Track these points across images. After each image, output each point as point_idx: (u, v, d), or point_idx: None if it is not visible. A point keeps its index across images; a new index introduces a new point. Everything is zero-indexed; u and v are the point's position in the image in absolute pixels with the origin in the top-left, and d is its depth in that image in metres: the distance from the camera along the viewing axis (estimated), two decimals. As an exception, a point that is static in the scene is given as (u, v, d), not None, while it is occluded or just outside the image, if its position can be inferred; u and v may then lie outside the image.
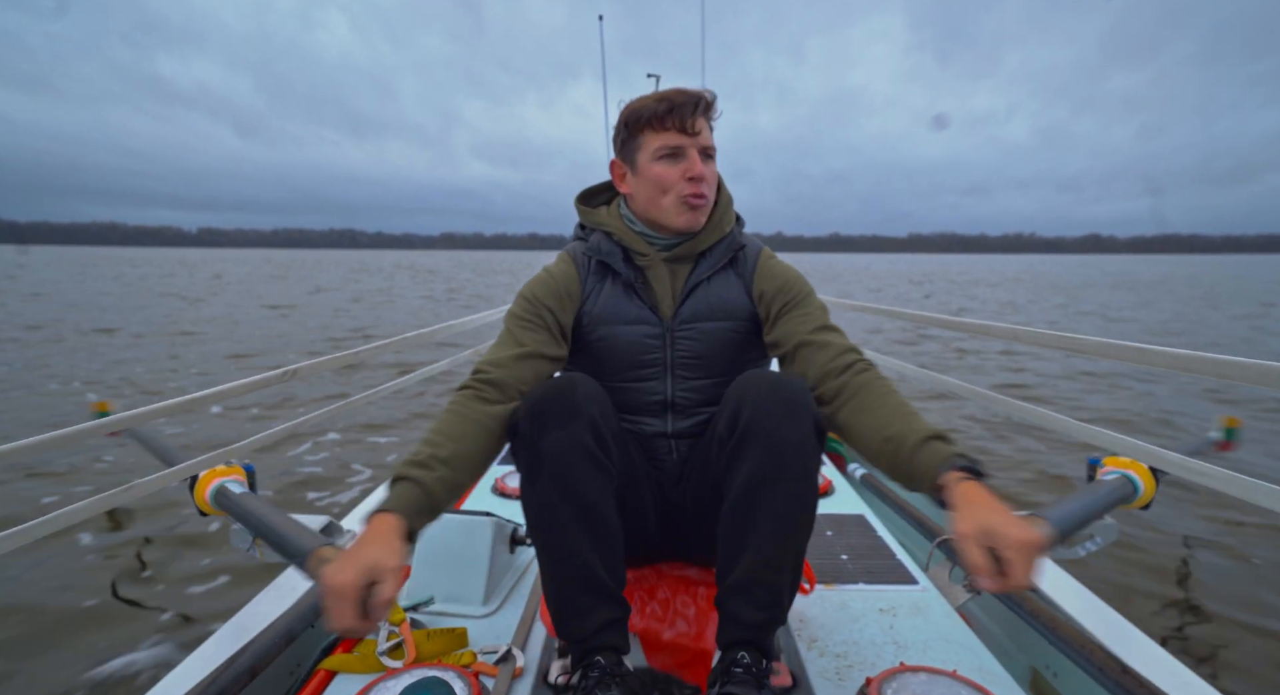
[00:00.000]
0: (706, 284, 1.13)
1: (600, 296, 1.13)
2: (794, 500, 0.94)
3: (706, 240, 1.14)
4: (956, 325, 2.05)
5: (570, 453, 0.93)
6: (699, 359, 1.12)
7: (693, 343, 1.12)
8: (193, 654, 1.19)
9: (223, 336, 9.48)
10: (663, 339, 1.12)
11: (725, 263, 1.15)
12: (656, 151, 1.06)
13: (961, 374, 7.35)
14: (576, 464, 0.93)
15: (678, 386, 1.13)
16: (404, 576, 1.56)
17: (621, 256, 1.14)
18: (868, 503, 2.04)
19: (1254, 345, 9.63)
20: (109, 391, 5.80)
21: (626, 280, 1.13)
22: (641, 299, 1.13)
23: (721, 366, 1.13)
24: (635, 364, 1.12)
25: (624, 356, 1.12)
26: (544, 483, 0.94)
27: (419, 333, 2.43)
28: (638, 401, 1.14)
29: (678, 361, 1.13)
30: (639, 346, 1.12)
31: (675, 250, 1.13)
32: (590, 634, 0.98)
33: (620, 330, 1.12)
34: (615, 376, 1.13)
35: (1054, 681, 1.33)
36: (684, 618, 1.18)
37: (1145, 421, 5.20)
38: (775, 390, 0.94)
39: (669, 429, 1.15)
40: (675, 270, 1.14)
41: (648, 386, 1.13)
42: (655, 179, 1.07)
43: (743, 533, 0.96)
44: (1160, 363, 1.29)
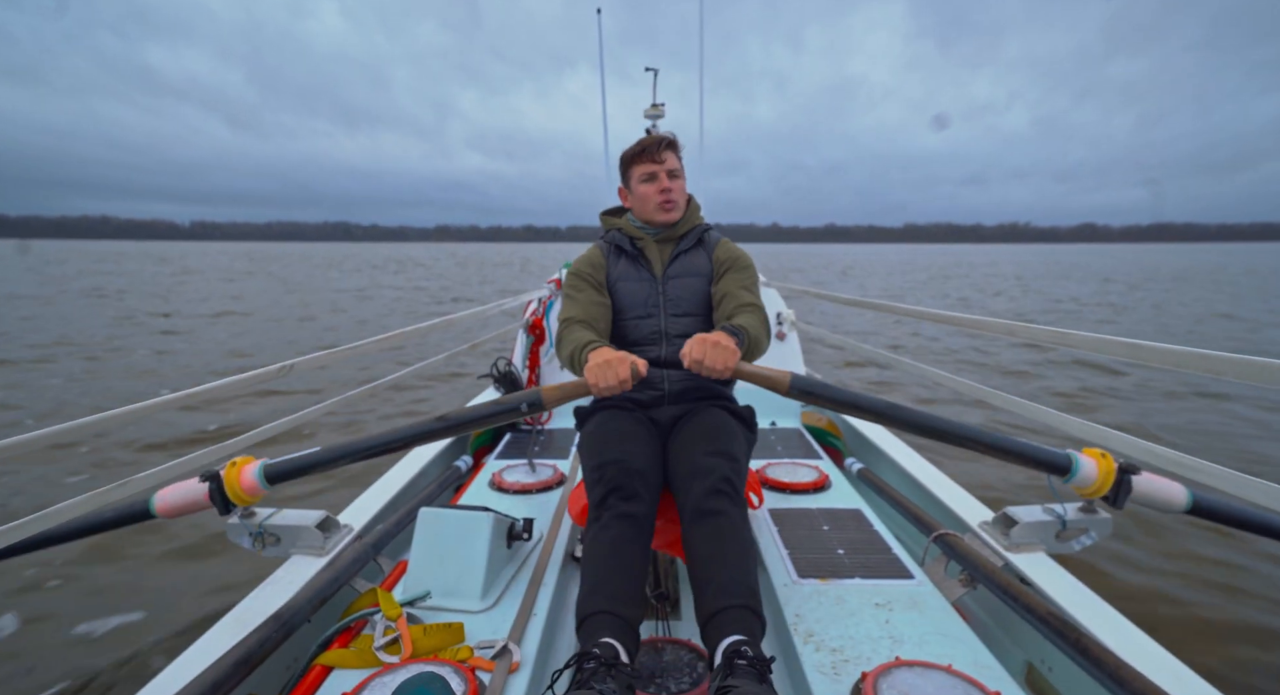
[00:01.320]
0: (684, 255, 1.71)
1: (618, 266, 1.72)
2: (735, 538, 1.29)
3: (681, 229, 1.74)
4: (956, 321, 2.05)
5: (634, 514, 1.35)
6: (681, 300, 1.67)
7: (676, 290, 1.67)
8: (190, 648, 1.19)
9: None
10: (657, 289, 1.68)
11: (695, 243, 1.73)
12: (640, 176, 1.66)
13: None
14: (635, 522, 1.34)
15: (668, 321, 1.66)
16: (400, 572, 1.56)
17: (629, 242, 1.73)
18: (864, 497, 2.04)
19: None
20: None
21: (632, 255, 1.71)
22: (642, 265, 1.71)
23: (696, 307, 1.66)
24: (640, 304, 1.67)
25: (633, 301, 1.67)
26: (608, 526, 1.33)
27: (416, 327, 2.42)
28: (642, 333, 1.66)
29: (667, 304, 1.67)
30: (642, 294, 1.67)
31: (661, 235, 1.73)
32: (605, 609, 1.17)
33: (631, 285, 1.69)
34: (628, 315, 1.67)
35: (1049, 676, 1.34)
36: (671, 510, 1.50)
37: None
38: (708, 482, 1.36)
39: (662, 354, 1.63)
40: (663, 248, 1.73)
41: (648, 322, 1.66)
42: (641, 194, 1.68)
43: (705, 566, 1.26)
44: (1154, 360, 1.29)
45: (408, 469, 2.19)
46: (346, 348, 2.03)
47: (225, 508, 1.39)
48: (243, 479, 1.36)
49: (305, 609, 1.27)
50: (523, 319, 3.23)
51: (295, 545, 1.54)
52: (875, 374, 7.34)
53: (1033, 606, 1.25)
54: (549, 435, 2.74)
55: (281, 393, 6.02)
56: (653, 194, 1.65)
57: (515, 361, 3.08)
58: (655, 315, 1.66)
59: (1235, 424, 5.17)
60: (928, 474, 2.11)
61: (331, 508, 1.68)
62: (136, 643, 2.35)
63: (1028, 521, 1.52)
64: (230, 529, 1.52)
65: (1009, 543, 1.52)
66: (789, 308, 3.33)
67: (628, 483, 1.37)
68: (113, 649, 2.32)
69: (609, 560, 1.28)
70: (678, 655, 1.35)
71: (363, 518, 1.76)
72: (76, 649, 2.32)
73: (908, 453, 2.34)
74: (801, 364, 3.23)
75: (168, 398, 1.44)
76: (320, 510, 1.60)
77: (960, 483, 2.00)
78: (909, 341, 9.84)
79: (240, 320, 12.03)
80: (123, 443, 4.64)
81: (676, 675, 1.28)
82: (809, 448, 2.55)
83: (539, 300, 3.25)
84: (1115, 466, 1.35)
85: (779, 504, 1.96)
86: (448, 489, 2.20)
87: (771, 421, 2.91)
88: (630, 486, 1.37)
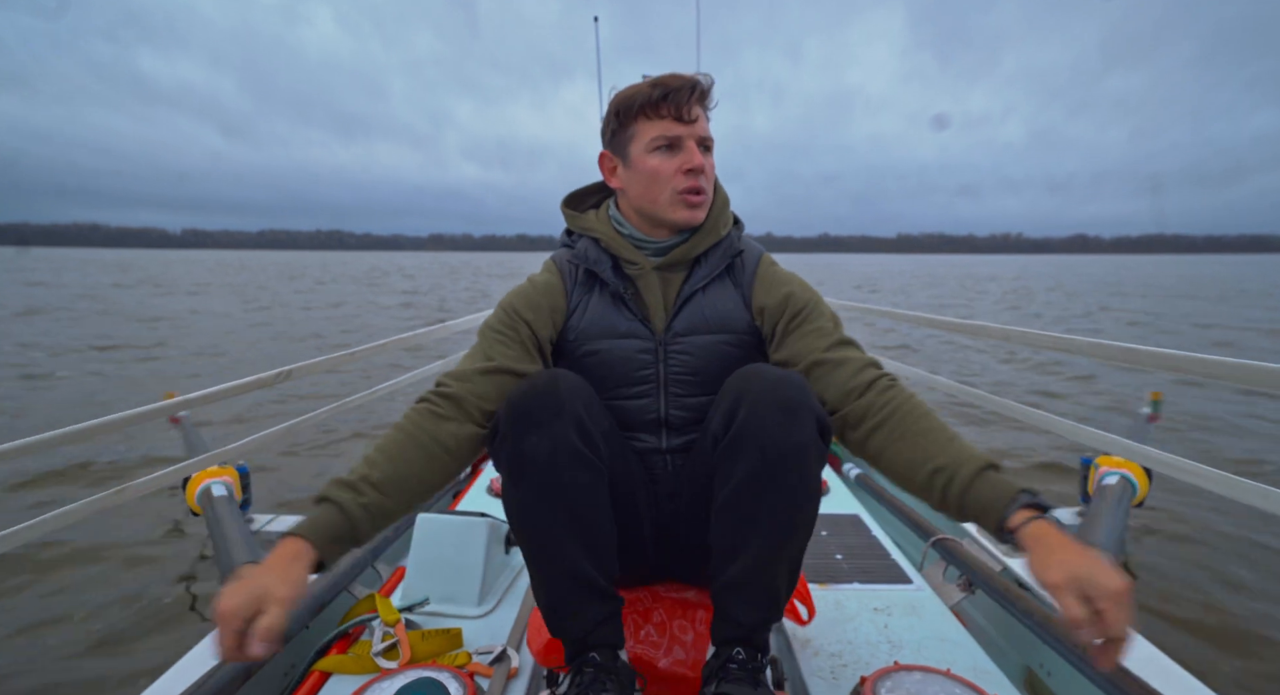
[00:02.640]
0: (701, 294, 1.06)
1: (588, 309, 1.06)
2: (791, 506, 0.89)
3: (701, 245, 1.06)
4: (954, 326, 2.06)
5: (555, 453, 0.86)
6: (694, 375, 1.04)
7: (687, 358, 1.04)
8: (187, 654, 1.18)
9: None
10: (655, 354, 1.05)
11: (721, 270, 1.07)
12: (652, 142, 1.00)
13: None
14: (561, 465, 0.87)
15: (672, 404, 1.06)
16: (398, 578, 1.56)
17: (610, 265, 1.06)
18: (862, 503, 2.04)
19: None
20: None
21: (615, 291, 1.05)
22: (632, 311, 1.05)
23: (718, 383, 0.98)
24: (627, 381, 1.05)
25: (615, 373, 1.05)
26: (526, 485, 0.89)
27: (415, 333, 2.42)
28: (631, 419, 1.07)
29: (671, 378, 1.05)
30: (631, 362, 1.04)
31: (668, 256, 1.06)
32: (584, 633, 0.95)
33: (610, 345, 1.05)
34: (606, 393, 1.05)
35: (1048, 680, 1.34)
36: (680, 644, 1.10)
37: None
38: (775, 388, 0.87)
39: (663, 445, 1.08)
40: (668, 279, 1.07)
41: (640, 404, 1.06)
42: (650, 172, 1.00)
43: (737, 534, 0.91)
44: (1150, 363, 1.30)
45: None
46: (344, 353, 2.03)
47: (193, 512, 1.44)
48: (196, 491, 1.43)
49: (303, 615, 1.27)
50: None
51: None
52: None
53: (1031, 611, 1.26)
54: None
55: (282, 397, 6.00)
56: (671, 173, 1.00)
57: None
58: (651, 394, 1.06)
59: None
60: None
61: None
62: (133, 647, 2.34)
63: None
64: None
65: (1007, 547, 1.53)
66: None
67: (546, 399, 0.89)
68: (109, 654, 2.30)
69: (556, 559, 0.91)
70: None
71: None
72: (72, 655, 2.30)
73: None
74: None
75: (165, 403, 1.44)
76: None
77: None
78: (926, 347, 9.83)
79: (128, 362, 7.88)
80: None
81: None
82: None
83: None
84: (1144, 471, 1.39)
85: None
86: (446, 495, 2.19)
87: None
88: (550, 401, 0.89)
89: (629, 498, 1.02)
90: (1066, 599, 0.68)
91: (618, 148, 1.04)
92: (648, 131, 1.00)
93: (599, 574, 0.93)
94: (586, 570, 0.92)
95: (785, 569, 0.95)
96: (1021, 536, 0.75)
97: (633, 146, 1.02)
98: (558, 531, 0.90)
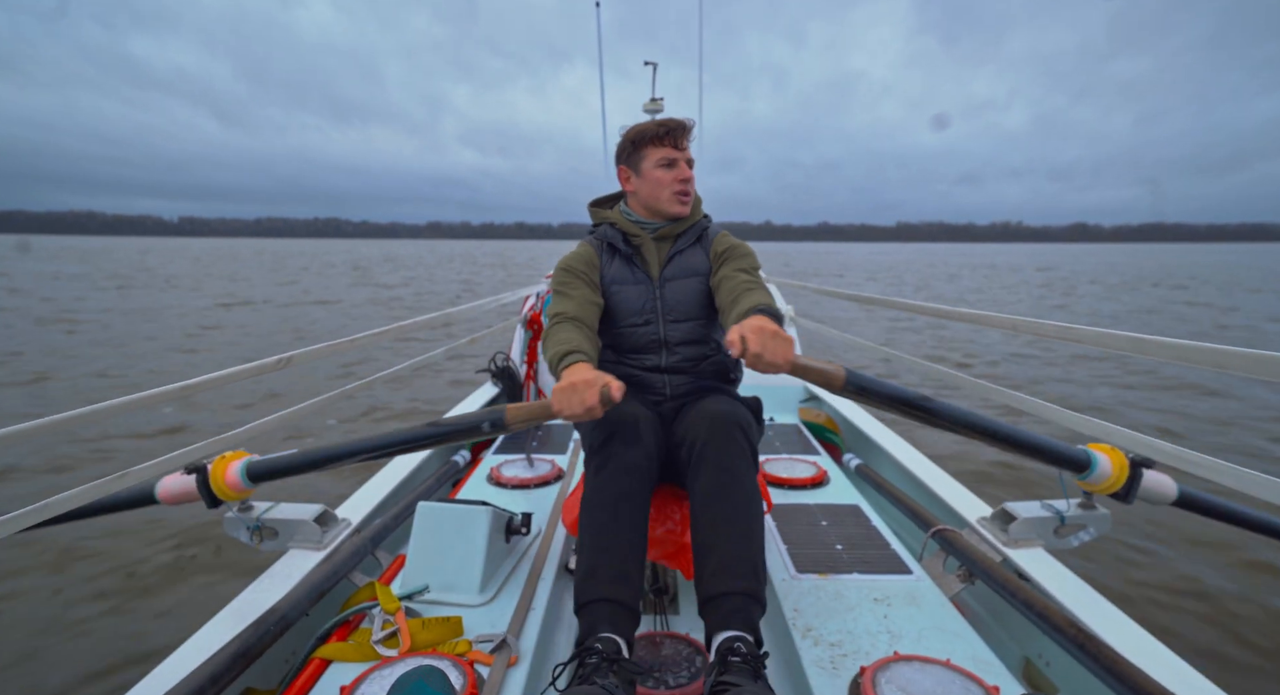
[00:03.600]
0: (681, 255, 1.55)
1: (611, 267, 1.55)
2: (744, 501, 1.23)
3: (682, 226, 1.57)
4: (954, 315, 2.05)
5: (635, 464, 1.27)
6: (679, 305, 1.51)
7: (674, 294, 1.52)
8: (188, 641, 1.19)
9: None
10: (654, 293, 1.52)
11: (694, 240, 1.57)
12: (657, 161, 1.49)
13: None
14: (636, 470, 1.27)
15: (667, 329, 1.51)
16: (398, 566, 1.56)
17: (622, 239, 1.56)
18: (862, 493, 2.04)
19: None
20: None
21: (626, 254, 1.55)
22: (637, 267, 1.54)
23: (696, 311, 1.51)
24: (637, 312, 1.52)
25: (629, 307, 1.52)
26: (608, 475, 1.26)
27: (414, 321, 2.41)
28: (639, 341, 1.52)
29: (665, 308, 1.52)
30: (638, 299, 1.52)
31: (660, 231, 1.56)
32: (604, 596, 1.14)
33: (625, 288, 1.52)
34: (623, 322, 1.52)
35: (1047, 670, 1.34)
36: (672, 519, 1.47)
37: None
38: (719, 422, 1.29)
39: (662, 363, 1.52)
40: (660, 246, 1.56)
41: (646, 329, 1.51)
42: (657, 180, 1.50)
43: (711, 530, 1.21)
44: (1158, 353, 1.29)
45: (406, 463, 2.19)
46: (345, 340, 2.02)
47: (212, 502, 1.42)
48: (227, 475, 1.40)
49: (303, 603, 1.27)
50: (521, 314, 3.22)
51: (293, 539, 1.54)
52: (879, 370, 7.35)
53: (1031, 601, 1.26)
54: (547, 430, 2.73)
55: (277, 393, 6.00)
56: (670, 182, 1.49)
57: (513, 356, 3.08)
58: (653, 322, 1.51)
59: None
60: (926, 470, 2.11)
61: (330, 502, 1.68)
62: (135, 634, 2.35)
63: (1026, 517, 1.53)
64: (227, 522, 1.52)
65: (1007, 538, 1.53)
66: (787, 304, 3.32)
67: (630, 429, 1.29)
68: (110, 639, 2.32)
69: (608, 530, 1.22)
70: (676, 649, 1.36)
71: (361, 512, 1.75)
72: (73, 639, 2.32)
73: (906, 449, 2.34)
74: None
75: (166, 389, 1.43)
76: (318, 504, 1.60)
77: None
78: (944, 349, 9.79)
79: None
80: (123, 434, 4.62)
81: (675, 670, 1.28)
82: (807, 444, 2.55)
83: (537, 295, 3.25)
84: (1128, 462, 1.36)
85: (778, 500, 1.96)
86: (446, 483, 2.19)
87: (770, 417, 2.91)
88: (633, 432, 1.29)
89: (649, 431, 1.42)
90: (731, 335, 1.07)
91: (632, 164, 1.54)
92: (655, 154, 1.50)
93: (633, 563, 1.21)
94: (627, 551, 1.21)
95: (756, 546, 1.21)
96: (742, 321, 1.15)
97: (644, 163, 1.51)
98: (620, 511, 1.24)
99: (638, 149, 1.50)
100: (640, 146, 1.50)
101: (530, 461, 2.27)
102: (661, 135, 1.47)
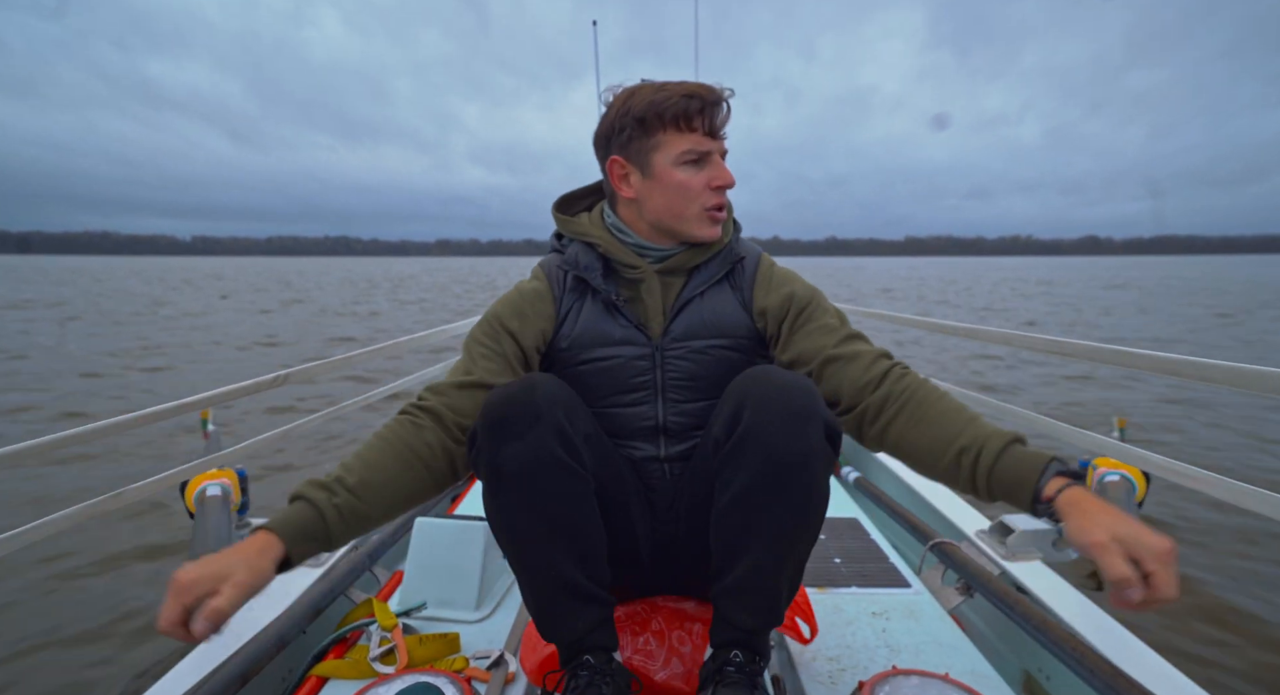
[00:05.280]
0: (700, 299, 1.03)
1: (580, 317, 1.03)
2: (796, 515, 0.87)
3: (704, 252, 1.03)
4: (953, 330, 2.06)
5: (533, 463, 0.84)
6: (692, 380, 1.02)
7: (685, 363, 1.02)
8: (184, 660, 1.18)
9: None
10: (652, 360, 1.02)
11: (721, 276, 1.05)
12: (682, 155, 0.95)
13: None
14: (540, 475, 0.84)
15: (669, 410, 1.03)
16: (395, 582, 1.55)
17: (601, 271, 1.03)
18: (860, 506, 2.04)
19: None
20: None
21: (607, 298, 1.02)
22: (626, 317, 1.02)
23: (717, 389, 0.97)
24: (623, 388, 1.02)
25: (610, 381, 1.02)
26: (506, 497, 0.87)
27: (412, 337, 2.42)
28: (627, 426, 1.04)
29: (669, 384, 1.02)
30: (626, 369, 1.01)
31: (669, 262, 1.03)
32: (576, 637, 0.94)
33: (604, 352, 1.02)
34: (601, 401, 1.03)
35: (1046, 685, 1.33)
36: (679, 656, 1.07)
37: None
38: (782, 392, 0.84)
39: (661, 453, 1.05)
40: (668, 284, 1.04)
41: (637, 411, 1.03)
42: (678, 186, 0.96)
43: (738, 540, 0.89)
44: (1145, 366, 1.30)
45: None
46: (341, 357, 2.03)
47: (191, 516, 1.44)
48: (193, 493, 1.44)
49: (300, 620, 1.26)
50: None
51: None
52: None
53: (1030, 615, 1.25)
54: None
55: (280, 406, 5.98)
56: (700, 189, 0.97)
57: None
58: (648, 401, 1.03)
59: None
60: (924, 483, 2.11)
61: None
62: (128, 653, 2.33)
63: (1025, 530, 1.53)
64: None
65: (1006, 551, 1.52)
66: None
67: (520, 412, 0.85)
68: (102, 660, 2.29)
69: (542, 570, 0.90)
70: None
71: None
72: (63, 659, 2.29)
73: None
74: None
75: (163, 406, 1.44)
76: None
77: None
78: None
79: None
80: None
81: None
82: None
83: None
84: (1142, 473, 1.39)
85: None
86: (443, 499, 2.19)
87: None
88: (526, 413, 0.85)
89: (620, 504, 1.00)
90: (1112, 558, 0.65)
91: (636, 155, 0.98)
92: (678, 144, 0.95)
93: (587, 579, 0.92)
94: (573, 576, 0.90)
95: (787, 576, 0.93)
96: (1058, 505, 0.73)
97: (657, 156, 0.97)
98: (541, 540, 0.88)
99: (648, 132, 0.96)
100: (654, 129, 0.95)
101: None
102: (690, 115, 0.94)
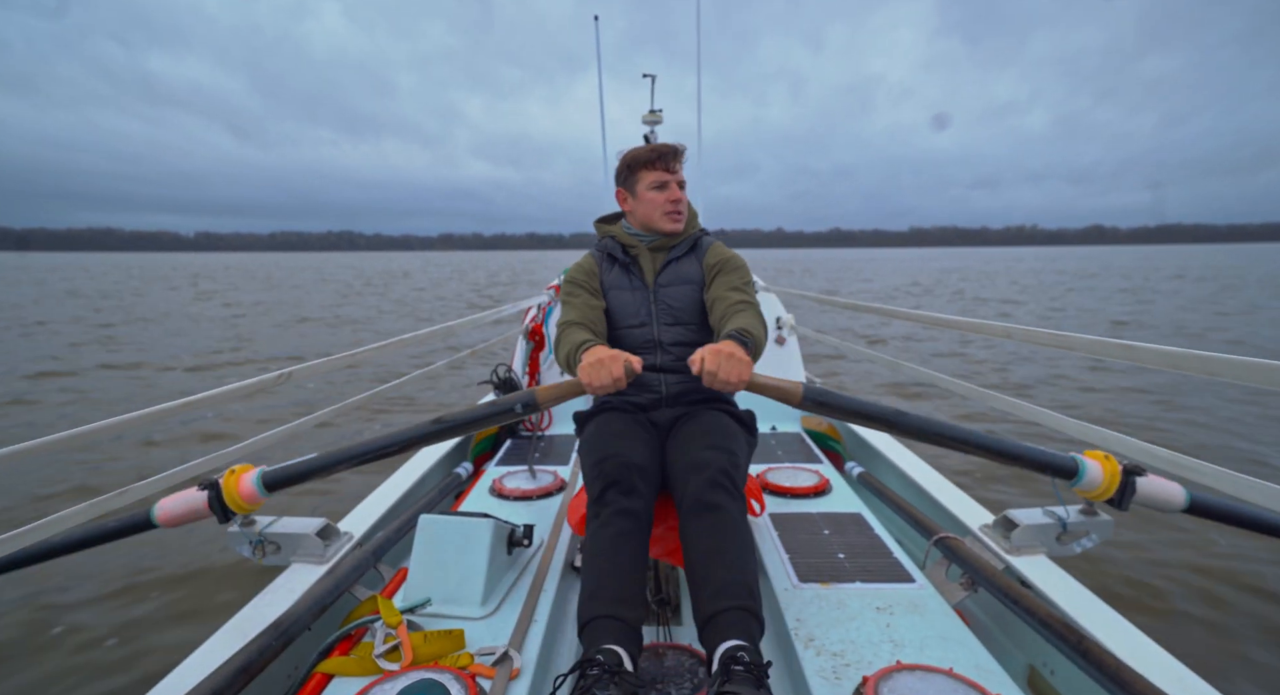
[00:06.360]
0: (675, 263, 1.69)
1: (610, 274, 1.71)
2: (733, 533, 1.28)
3: (677, 238, 1.72)
4: (953, 324, 2.05)
5: (631, 508, 1.35)
6: (672, 309, 1.66)
7: (667, 300, 1.66)
8: (190, 656, 1.19)
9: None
10: (648, 299, 1.67)
11: (687, 250, 1.71)
12: (650, 183, 1.63)
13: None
14: (631, 515, 1.35)
15: (661, 331, 1.65)
16: (400, 579, 1.56)
17: (621, 250, 1.72)
18: (864, 501, 2.04)
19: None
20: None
21: (623, 263, 1.71)
22: (633, 275, 1.70)
23: (688, 316, 1.65)
24: (632, 316, 1.66)
25: (625, 311, 1.67)
26: (607, 520, 1.33)
27: (415, 335, 2.42)
28: (636, 343, 1.65)
29: (659, 313, 1.66)
30: (634, 304, 1.67)
31: (654, 243, 1.71)
32: (607, 613, 1.18)
33: (622, 293, 1.68)
34: (621, 325, 1.66)
35: (1051, 679, 1.33)
36: (671, 518, 1.52)
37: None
38: (703, 473, 1.36)
39: (657, 362, 1.64)
40: (656, 256, 1.72)
41: (642, 332, 1.66)
42: (650, 201, 1.65)
43: (704, 564, 1.24)
44: (1149, 360, 1.29)
45: (408, 476, 2.19)
46: (345, 355, 2.03)
47: (225, 516, 1.41)
48: (241, 487, 1.38)
49: (305, 617, 1.27)
50: (523, 325, 3.23)
51: (295, 553, 1.54)
52: (877, 378, 7.34)
53: (1034, 609, 1.25)
54: (549, 441, 2.74)
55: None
56: (663, 202, 1.63)
57: (515, 367, 3.08)
58: (648, 324, 1.65)
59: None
60: (928, 477, 2.11)
61: (332, 515, 1.68)
62: (136, 650, 2.34)
63: (1028, 524, 1.52)
64: (230, 537, 1.52)
65: (1010, 545, 1.52)
66: (788, 312, 3.33)
67: (626, 477, 1.38)
68: (112, 656, 2.31)
69: (609, 560, 1.28)
70: (678, 660, 1.35)
71: (363, 525, 1.76)
72: (75, 655, 2.31)
73: (908, 456, 2.34)
74: (802, 370, 3.23)
75: (166, 405, 1.44)
76: (320, 518, 1.60)
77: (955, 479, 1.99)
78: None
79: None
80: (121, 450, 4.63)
81: (677, 681, 1.28)
82: (809, 452, 2.55)
83: (538, 307, 3.26)
84: (1120, 469, 1.36)
85: (780, 508, 1.96)
86: (448, 496, 2.19)
87: (772, 426, 2.91)
88: (628, 481, 1.37)
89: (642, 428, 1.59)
90: (694, 356, 1.22)
91: (629, 186, 1.68)
92: (648, 177, 1.64)
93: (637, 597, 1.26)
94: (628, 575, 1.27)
95: (750, 570, 1.25)
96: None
97: (639, 185, 1.65)
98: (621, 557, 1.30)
99: (633, 173, 1.64)
100: (635, 170, 1.64)
101: (532, 473, 2.27)
102: (653, 160, 1.62)
